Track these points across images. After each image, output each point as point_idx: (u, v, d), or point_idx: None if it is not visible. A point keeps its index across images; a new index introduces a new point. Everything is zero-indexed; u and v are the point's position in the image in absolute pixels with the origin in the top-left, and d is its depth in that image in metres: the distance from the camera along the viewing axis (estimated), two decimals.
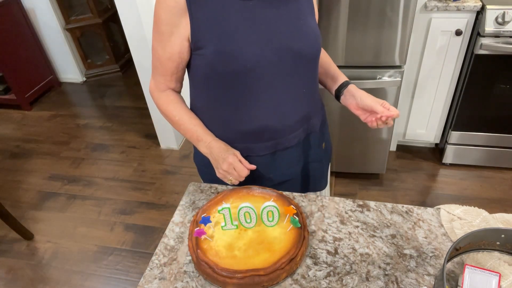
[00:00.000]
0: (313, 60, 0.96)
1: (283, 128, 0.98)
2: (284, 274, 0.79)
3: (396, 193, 2.25)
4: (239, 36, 0.86)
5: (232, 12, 0.85)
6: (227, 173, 0.96)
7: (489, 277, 0.72)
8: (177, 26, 0.87)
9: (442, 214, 0.90)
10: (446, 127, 2.32)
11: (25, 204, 2.39)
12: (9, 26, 3.10)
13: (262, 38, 0.87)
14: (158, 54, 0.94)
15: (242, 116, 0.96)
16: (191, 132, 1.00)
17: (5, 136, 3.05)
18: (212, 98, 0.96)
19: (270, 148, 1.01)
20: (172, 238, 0.90)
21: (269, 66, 0.89)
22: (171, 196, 2.37)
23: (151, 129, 2.78)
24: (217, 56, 0.87)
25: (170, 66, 0.94)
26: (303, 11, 0.92)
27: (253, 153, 1.01)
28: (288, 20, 0.89)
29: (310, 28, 0.92)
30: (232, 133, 1.00)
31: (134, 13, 2.12)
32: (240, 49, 0.86)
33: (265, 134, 0.98)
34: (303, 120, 1.01)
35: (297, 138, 1.02)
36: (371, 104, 0.96)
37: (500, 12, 1.80)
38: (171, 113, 1.01)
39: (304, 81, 0.97)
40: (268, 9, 0.87)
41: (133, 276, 1.92)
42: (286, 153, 1.03)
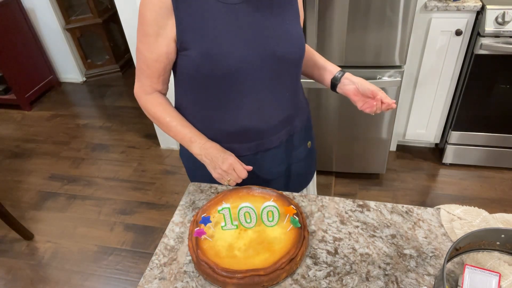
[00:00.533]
0: (296, 64, 0.97)
1: (265, 130, 1.00)
2: (284, 274, 0.79)
3: (396, 193, 2.25)
4: (223, 39, 0.87)
5: (217, 15, 0.86)
6: (226, 174, 0.97)
7: (489, 277, 0.72)
8: (163, 27, 0.87)
9: (442, 214, 0.90)
10: (446, 127, 2.32)
11: (25, 204, 2.39)
12: (9, 26, 3.10)
13: (246, 42, 0.88)
14: (144, 56, 0.93)
15: (225, 117, 0.97)
16: (182, 134, 1.00)
17: (5, 136, 3.05)
18: (197, 98, 0.97)
19: (252, 148, 1.02)
20: (172, 238, 0.90)
21: (253, 69, 0.90)
22: (171, 196, 2.37)
23: (151, 129, 2.78)
24: (202, 58, 0.87)
25: (157, 68, 0.94)
26: (287, 16, 0.93)
27: (235, 153, 1.02)
28: (273, 24, 0.90)
29: (294, 33, 0.93)
30: (216, 133, 1.00)
31: (134, 13, 2.12)
32: (224, 52, 0.87)
33: (248, 135, 1.00)
34: (285, 121, 1.03)
35: (280, 139, 1.04)
36: (372, 88, 0.96)
37: (500, 12, 1.80)
38: (160, 115, 1.00)
39: (287, 84, 0.98)
40: (252, 13, 0.88)
41: (133, 276, 1.92)
42: (269, 154, 1.05)
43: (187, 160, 1.13)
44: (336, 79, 1.05)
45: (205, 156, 0.99)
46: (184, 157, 1.15)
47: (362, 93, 0.98)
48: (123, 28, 2.21)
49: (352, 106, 2.10)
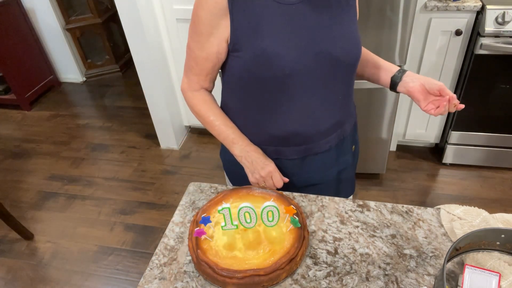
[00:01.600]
0: (351, 66, 0.94)
1: (315, 134, 0.97)
2: (284, 274, 0.79)
3: (396, 193, 2.25)
4: (278, 41, 0.84)
5: (273, 16, 0.84)
6: (263, 180, 0.97)
7: (489, 277, 0.72)
8: (217, 27, 0.86)
9: (442, 214, 0.90)
10: (446, 127, 2.32)
11: (25, 204, 2.39)
12: (9, 26, 3.10)
13: (302, 44, 0.85)
14: (194, 54, 0.93)
15: (275, 120, 0.95)
16: (226, 134, 0.99)
17: (5, 136, 3.05)
18: (246, 100, 0.95)
19: (300, 152, 1.00)
20: (172, 238, 0.90)
21: (307, 72, 0.87)
22: (171, 196, 2.37)
23: (151, 129, 2.78)
24: (255, 60, 0.86)
25: (206, 66, 0.93)
26: (345, 16, 0.89)
27: (283, 156, 1.01)
28: (330, 25, 0.87)
29: (351, 34, 0.90)
30: (264, 136, 0.99)
31: (134, 13, 2.12)
32: (279, 55, 0.84)
33: (297, 138, 0.97)
34: (336, 126, 0.99)
35: (329, 144, 1.01)
36: (439, 84, 0.89)
37: (500, 12, 1.80)
38: (205, 113, 1.00)
39: (340, 88, 0.95)
40: (309, 14, 0.85)
41: (133, 276, 1.92)
42: (317, 158, 1.02)
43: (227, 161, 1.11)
44: (396, 77, 0.99)
45: (245, 158, 0.99)
46: (224, 157, 1.13)
47: (429, 90, 0.91)
48: (123, 28, 2.20)
49: None
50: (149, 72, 2.36)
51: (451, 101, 0.87)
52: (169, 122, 2.60)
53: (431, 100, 0.91)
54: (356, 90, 1.90)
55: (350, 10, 0.90)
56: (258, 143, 1.00)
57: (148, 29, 2.20)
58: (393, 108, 2.00)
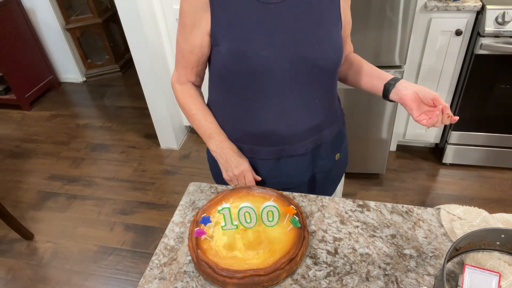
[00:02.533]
0: (329, 71, 0.93)
1: (290, 136, 0.97)
2: (284, 274, 0.79)
3: (396, 193, 2.25)
4: (254, 38, 0.86)
5: (251, 13, 0.85)
6: (235, 178, 0.98)
7: (489, 277, 0.72)
8: (199, 20, 0.88)
9: (442, 214, 0.90)
10: (446, 127, 2.32)
11: (25, 204, 2.39)
12: (9, 26, 3.10)
13: (277, 43, 0.86)
14: (180, 46, 0.95)
15: (249, 117, 0.96)
16: (204, 128, 1.01)
17: (5, 136, 3.05)
18: (225, 95, 0.97)
19: (275, 153, 1.00)
20: (172, 238, 0.90)
21: (281, 72, 0.88)
22: (171, 196, 2.37)
23: (151, 129, 2.78)
24: (230, 55, 0.88)
25: (191, 59, 0.95)
26: (325, 20, 0.89)
27: (257, 156, 1.02)
28: (308, 28, 0.87)
29: (330, 38, 0.89)
30: (239, 133, 1.00)
31: (134, 13, 2.12)
32: (253, 51, 0.86)
33: (271, 138, 0.98)
34: (313, 130, 0.99)
35: (305, 148, 1.00)
36: (433, 94, 0.85)
37: (500, 12, 1.80)
38: (188, 106, 1.02)
39: (317, 92, 0.95)
40: (288, 15, 0.86)
41: (133, 276, 1.92)
42: (292, 161, 1.02)
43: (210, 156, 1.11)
44: (389, 85, 0.95)
45: (220, 155, 1.00)
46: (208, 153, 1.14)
47: (422, 99, 0.88)
48: (123, 28, 2.20)
49: (352, 106, 2.10)
50: (149, 72, 2.36)
51: (444, 111, 0.83)
52: (169, 122, 2.60)
53: (424, 111, 0.88)
54: (356, 90, 1.91)
55: (332, 14, 0.90)
56: (235, 140, 1.02)
57: (148, 29, 2.20)
58: (393, 108, 2.00)
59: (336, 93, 1.04)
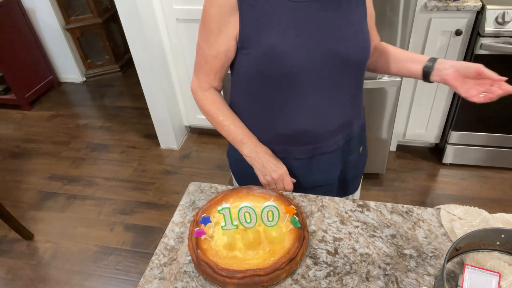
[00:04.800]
0: (359, 66, 0.93)
1: (323, 133, 0.97)
2: (284, 274, 0.79)
3: (396, 193, 2.25)
4: (287, 39, 0.84)
5: (282, 14, 0.83)
6: (274, 182, 0.98)
7: (489, 277, 0.72)
8: (226, 24, 0.86)
9: (442, 214, 0.90)
10: (446, 127, 2.31)
11: (25, 204, 2.39)
12: (9, 26, 3.10)
13: (310, 42, 0.85)
14: (204, 52, 0.93)
15: (282, 119, 0.95)
16: (235, 134, 0.99)
17: (5, 136, 3.05)
18: (254, 98, 0.95)
19: (308, 152, 1.00)
20: (172, 238, 0.90)
21: (315, 71, 0.87)
22: (171, 196, 2.37)
23: (151, 129, 2.78)
24: (263, 58, 0.86)
25: (215, 65, 0.93)
26: (355, 15, 0.89)
27: (290, 156, 1.01)
28: (338, 24, 0.86)
29: (360, 33, 0.89)
30: (271, 135, 0.99)
31: (134, 13, 2.12)
32: (287, 53, 0.84)
33: (304, 138, 0.97)
34: (344, 125, 0.99)
35: (337, 144, 1.01)
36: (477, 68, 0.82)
37: (500, 12, 1.80)
38: (214, 113, 1.00)
39: (349, 87, 0.94)
40: (318, 12, 0.85)
41: (133, 276, 1.92)
42: (324, 158, 1.02)
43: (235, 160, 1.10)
44: (428, 67, 0.94)
45: (255, 160, 0.98)
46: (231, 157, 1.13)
47: (464, 75, 0.86)
48: (123, 28, 2.20)
49: None
50: (149, 72, 2.36)
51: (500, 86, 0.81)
52: (169, 122, 2.60)
53: (471, 85, 0.85)
54: None
55: (359, 9, 0.90)
56: (266, 142, 1.00)
57: (148, 29, 2.20)
58: (393, 108, 2.00)
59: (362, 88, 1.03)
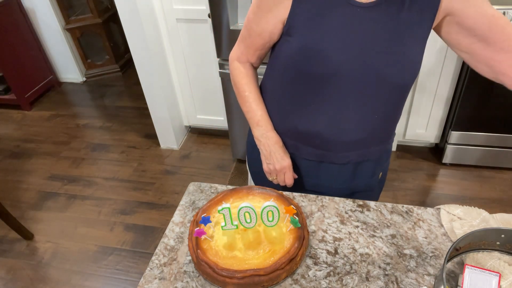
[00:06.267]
0: (398, 90, 0.89)
1: (336, 143, 0.95)
2: (284, 274, 0.79)
3: (396, 193, 2.25)
4: (332, 39, 0.82)
5: (335, 12, 0.81)
6: (275, 173, 0.97)
7: (489, 277, 0.72)
8: (278, 4, 0.84)
9: (442, 214, 0.90)
10: (446, 127, 2.32)
11: (25, 204, 2.39)
12: (9, 26, 3.10)
13: (354, 50, 0.82)
14: (250, 25, 0.92)
15: (302, 115, 0.94)
16: (254, 113, 0.99)
17: (5, 136, 3.05)
18: (282, 86, 0.95)
19: (316, 156, 0.99)
20: (172, 238, 0.90)
21: (350, 80, 0.84)
22: (171, 196, 2.37)
23: (151, 129, 2.78)
24: (302, 50, 0.84)
25: (257, 42, 0.93)
26: (409, 36, 0.83)
27: (299, 153, 1.01)
28: (390, 41, 0.82)
29: (408, 56, 0.84)
30: (287, 127, 0.99)
31: (134, 13, 2.12)
32: (327, 54, 0.82)
33: (316, 140, 0.96)
34: (360, 144, 0.95)
35: (348, 159, 0.98)
36: None
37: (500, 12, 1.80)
38: (242, 86, 1.00)
39: (379, 107, 0.90)
40: (372, 23, 0.81)
41: (133, 276, 1.92)
42: (333, 168, 1.00)
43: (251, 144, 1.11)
44: None
45: (264, 145, 0.99)
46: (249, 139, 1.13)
47: None
48: (123, 28, 2.20)
49: None
50: (149, 72, 2.36)
51: None
52: (169, 122, 2.60)
53: None
54: None
55: (418, 31, 0.84)
56: (280, 133, 1.00)
57: (148, 29, 2.20)
58: None
59: (400, 113, 0.98)
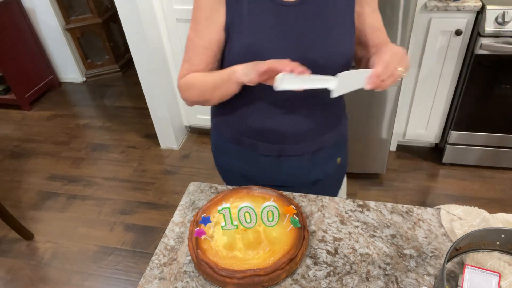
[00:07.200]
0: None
1: (290, 136, 0.98)
2: (284, 274, 0.79)
3: (396, 193, 2.25)
4: (264, 38, 0.86)
5: (264, 13, 0.85)
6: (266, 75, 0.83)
7: (489, 277, 0.72)
8: (215, 12, 0.87)
9: (442, 214, 0.90)
10: (446, 127, 2.31)
11: (25, 204, 2.39)
12: (9, 26, 3.10)
13: (287, 46, 0.86)
14: (193, 44, 0.92)
15: (253, 112, 0.97)
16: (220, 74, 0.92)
17: (5, 136, 3.05)
18: None
19: (275, 150, 1.01)
20: (172, 238, 0.90)
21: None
22: (171, 196, 2.37)
23: (151, 129, 2.78)
24: (242, 51, 0.87)
25: (206, 56, 0.92)
26: (337, 26, 0.89)
27: (258, 151, 1.02)
28: (320, 33, 0.87)
29: (339, 45, 0.89)
30: (243, 127, 1.01)
31: (134, 13, 2.12)
32: (263, 53, 0.86)
33: (272, 136, 0.99)
34: (314, 133, 1.00)
35: (304, 149, 1.01)
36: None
37: (500, 12, 1.80)
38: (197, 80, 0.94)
39: (322, 97, 0.93)
40: (302, 18, 0.86)
41: (133, 276, 1.92)
42: (292, 160, 1.03)
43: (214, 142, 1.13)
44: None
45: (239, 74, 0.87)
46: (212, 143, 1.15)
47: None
48: (123, 28, 2.20)
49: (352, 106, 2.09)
50: (149, 72, 2.36)
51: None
52: (169, 122, 2.60)
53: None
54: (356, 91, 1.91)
55: (345, 21, 0.90)
56: (238, 133, 1.03)
57: (148, 29, 2.20)
58: (393, 108, 2.00)
59: (342, 99, 1.04)
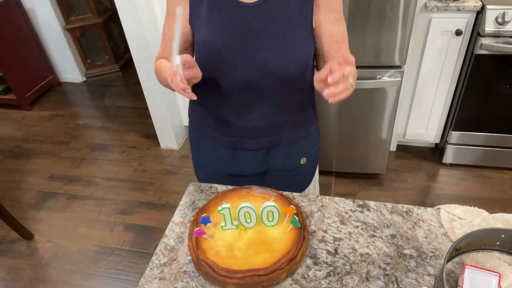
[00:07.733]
0: (284, 82, 0.93)
1: (244, 131, 1.02)
2: (284, 274, 0.79)
3: (396, 193, 2.25)
4: (221, 36, 0.89)
5: (222, 12, 0.89)
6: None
7: (489, 277, 0.72)
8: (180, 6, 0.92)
9: (442, 214, 0.90)
10: (446, 127, 2.31)
11: (25, 204, 2.39)
12: (9, 26, 3.10)
13: (241, 46, 0.89)
14: (164, 33, 1.00)
15: (212, 105, 1.02)
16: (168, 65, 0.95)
17: (5, 136, 3.05)
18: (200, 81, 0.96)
19: (230, 143, 1.05)
20: (172, 238, 0.90)
21: (242, 73, 0.91)
22: (171, 196, 2.37)
23: (151, 129, 2.78)
24: (202, 44, 0.92)
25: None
26: (293, 30, 0.89)
27: (216, 143, 1.07)
28: (272, 36, 0.88)
29: (292, 49, 0.89)
30: (203, 118, 1.06)
31: (134, 13, 2.12)
32: (218, 47, 0.89)
33: (228, 129, 1.03)
34: (268, 131, 1.02)
35: (258, 145, 1.04)
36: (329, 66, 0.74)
37: (500, 12, 1.80)
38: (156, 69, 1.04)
39: (277, 97, 0.96)
40: (256, 20, 0.88)
41: (133, 276, 1.92)
42: (246, 154, 1.06)
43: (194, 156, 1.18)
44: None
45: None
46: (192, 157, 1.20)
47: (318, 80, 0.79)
48: (123, 28, 2.20)
49: (352, 106, 2.10)
50: (149, 72, 2.36)
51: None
52: (169, 122, 2.60)
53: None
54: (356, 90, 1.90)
55: (304, 26, 0.90)
56: (201, 124, 1.08)
57: (148, 29, 2.20)
58: (393, 108, 2.00)
59: (309, 101, 1.05)
